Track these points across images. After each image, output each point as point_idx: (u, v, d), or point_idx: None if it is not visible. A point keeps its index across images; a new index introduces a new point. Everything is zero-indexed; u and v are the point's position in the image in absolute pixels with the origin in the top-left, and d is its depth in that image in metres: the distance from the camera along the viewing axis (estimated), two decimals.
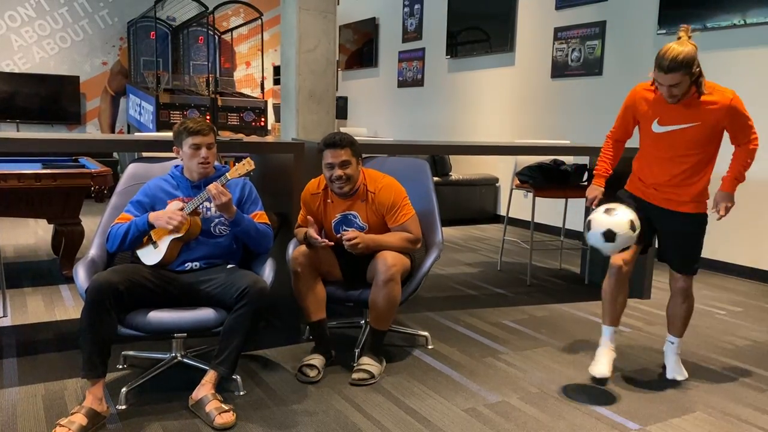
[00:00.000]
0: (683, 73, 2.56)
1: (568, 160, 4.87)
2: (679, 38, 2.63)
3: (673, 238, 2.93)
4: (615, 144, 3.11)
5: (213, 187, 2.56)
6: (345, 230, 2.93)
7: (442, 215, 3.34)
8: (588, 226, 2.68)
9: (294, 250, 2.90)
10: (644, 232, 2.81)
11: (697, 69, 2.60)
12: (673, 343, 3.01)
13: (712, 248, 5.19)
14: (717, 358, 3.25)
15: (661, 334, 3.57)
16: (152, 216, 2.59)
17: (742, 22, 4.84)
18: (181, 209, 2.61)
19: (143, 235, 2.62)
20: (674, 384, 2.89)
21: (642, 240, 2.84)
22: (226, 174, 2.64)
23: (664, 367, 3.06)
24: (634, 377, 2.96)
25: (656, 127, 2.81)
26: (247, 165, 2.64)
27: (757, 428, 2.50)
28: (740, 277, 4.99)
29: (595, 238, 2.65)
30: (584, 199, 4.94)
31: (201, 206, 2.67)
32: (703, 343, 3.48)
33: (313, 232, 2.85)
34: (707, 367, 3.12)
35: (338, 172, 2.85)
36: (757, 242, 4.89)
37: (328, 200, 3.00)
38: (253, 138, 5.91)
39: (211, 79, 7.91)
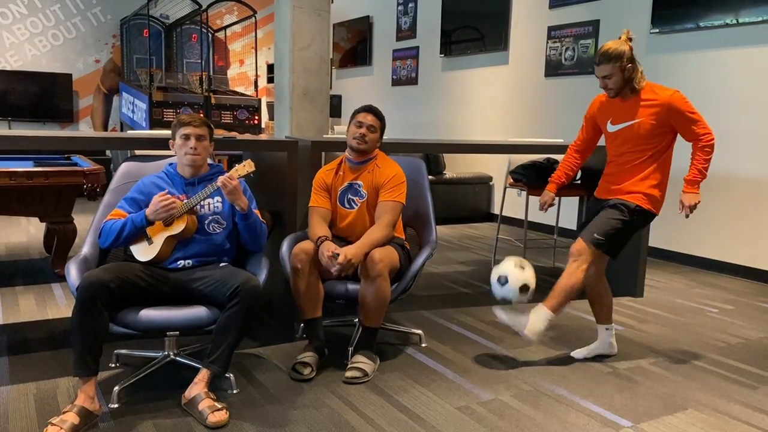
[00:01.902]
0: (612, 65, 2.87)
1: (561, 158, 4.87)
2: (619, 38, 2.93)
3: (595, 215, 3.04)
4: (573, 154, 3.37)
5: (225, 178, 2.57)
6: (349, 204, 3.06)
7: (435, 214, 3.35)
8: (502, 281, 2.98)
9: (296, 246, 2.89)
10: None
11: (629, 65, 2.88)
12: (549, 319, 2.93)
13: (704, 247, 5.22)
14: (709, 356, 3.26)
15: (654, 332, 3.59)
16: (149, 210, 2.58)
17: (735, 22, 4.86)
18: (167, 199, 2.59)
19: (139, 231, 2.61)
20: (667, 381, 2.91)
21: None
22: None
23: (658, 364, 3.09)
24: (626, 375, 2.97)
25: (610, 127, 3.07)
26: (248, 166, 2.63)
27: (749, 425, 2.51)
28: (732, 276, 5.01)
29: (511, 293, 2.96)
30: (577, 198, 4.97)
31: (197, 204, 2.67)
32: (695, 340, 3.50)
33: (331, 246, 2.83)
34: (699, 365, 3.13)
35: (363, 130, 3.04)
36: (749, 241, 4.92)
37: (340, 172, 3.14)
38: (247, 136, 5.89)
39: (204, 77, 7.89)
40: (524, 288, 2.94)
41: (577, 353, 3.16)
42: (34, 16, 8.77)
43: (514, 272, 2.95)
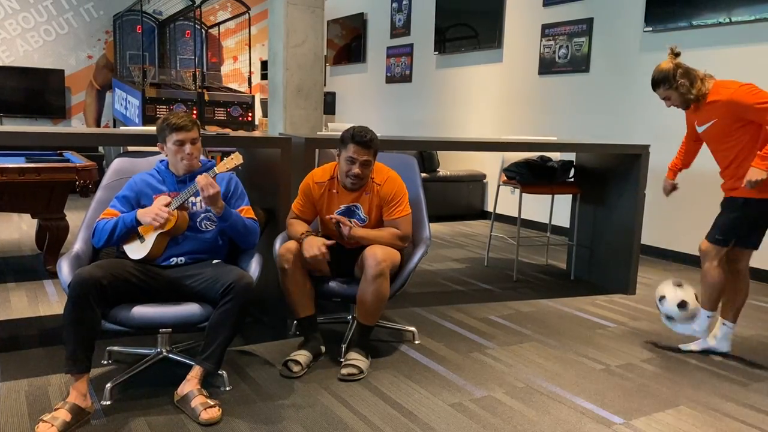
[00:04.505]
0: (665, 88, 3.04)
1: (555, 156, 4.89)
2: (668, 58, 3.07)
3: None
4: (686, 143, 3.44)
5: (202, 178, 2.55)
6: (345, 221, 2.95)
7: (429, 211, 3.35)
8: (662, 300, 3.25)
9: (281, 246, 2.88)
10: None
11: (681, 81, 3.00)
12: (708, 316, 3.19)
13: (696, 244, 5.24)
14: (701, 353, 3.27)
15: (645, 329, 3.61)
16: (140, 213, 2.58)
17: (728, 20, 4.88)
18: (168, 204, 2.59)
19: (131, 231, 2.60)
20: (658, 378, 2.92)
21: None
22: (214, 168, 2.63)
23: (650, 361, 3.10)
24: (618, 372, 2.98)
25: (698, 128, 3.14)
26: (236, 159, 2.62)
27: (740, 422, 2.52)
28: None
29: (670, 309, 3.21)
30: (570, 196, 4.98)
31: (187, 201, 2.66)
32: (688, 338, 3.51)
33: (318, 242, 2.80)
34: (691, 362, 3.14)
35: (356, 170, 2.85)
36: None
37: (334, 190, 2.99)
38: (240, 133, 5.88)
39: (197, 73, 7.87)
40: (682, 304, 3.16)
41: (685, 346, 3.30)
42: (26, 11, 8.72)
43: (672, 290, 3.21)
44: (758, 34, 4.77)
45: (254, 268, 2.67)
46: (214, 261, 2.69)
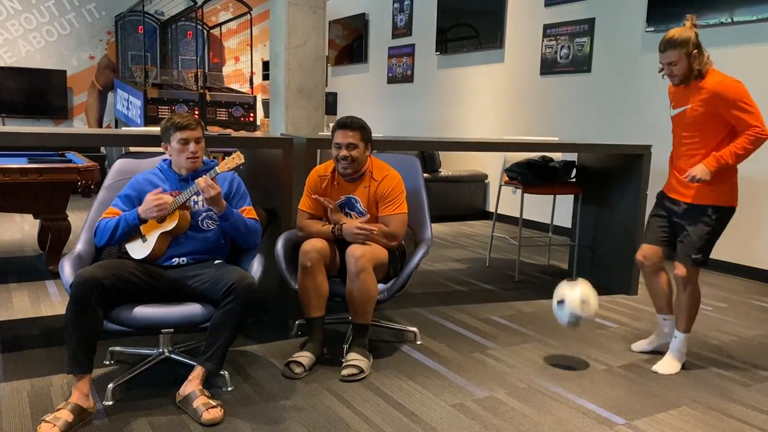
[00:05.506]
0: (678, 52, 2.82)
1: (557, 156, 4.89)
2: (683, 25, 2.87)
3: (677, 226, 3.02)
4: None
5: (202, 181, 2.55)
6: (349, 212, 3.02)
7: (431, 211, 3.35)
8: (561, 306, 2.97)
9: (306, 244, 2.88)
10: (671, 234, 3.08)
11: (695, 51, 2.82)
12: (676, 337, 3.05)
13: None
14: (703, 354, 3.27)
15: (648, 330, 3.60)
16: (141, 209, 2.58)
17: (730, 20, 4.87)
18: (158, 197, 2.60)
19: (133, 229, 2.61)
20: (660, 379, 2.92)
21: (669, 243, 3.10)
22: (216, 168, 2.63)
23: (652, 361, 3.10)
24: (620, 372, 2.98)
25: (671, 111, 3.01)
26: (237, 158, 2.63)
27: (742, 423, 2.52)
28: (726, 274, 5.03)
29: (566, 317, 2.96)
30: (572, 196, 4.98)
31: (189, 200, 2.66)
32: (689, 338, 3.50)
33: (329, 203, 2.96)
34: (693, 363, 3.14)
35: (343, 152, 2.94)
36: (743, 239, 4.93)
37: (335, 182, 3.06)
38: (242, 133, 5.89)
39: (199, 74, 7.87)
40: (574, 320, 2.92)
41: (636, 346, 3.26)
42: (28, 12, 8.74)
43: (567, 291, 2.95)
44: (760, 34, 4.76)
45: (256, 268, 2.67)
46: (216, 261, 2.69)
